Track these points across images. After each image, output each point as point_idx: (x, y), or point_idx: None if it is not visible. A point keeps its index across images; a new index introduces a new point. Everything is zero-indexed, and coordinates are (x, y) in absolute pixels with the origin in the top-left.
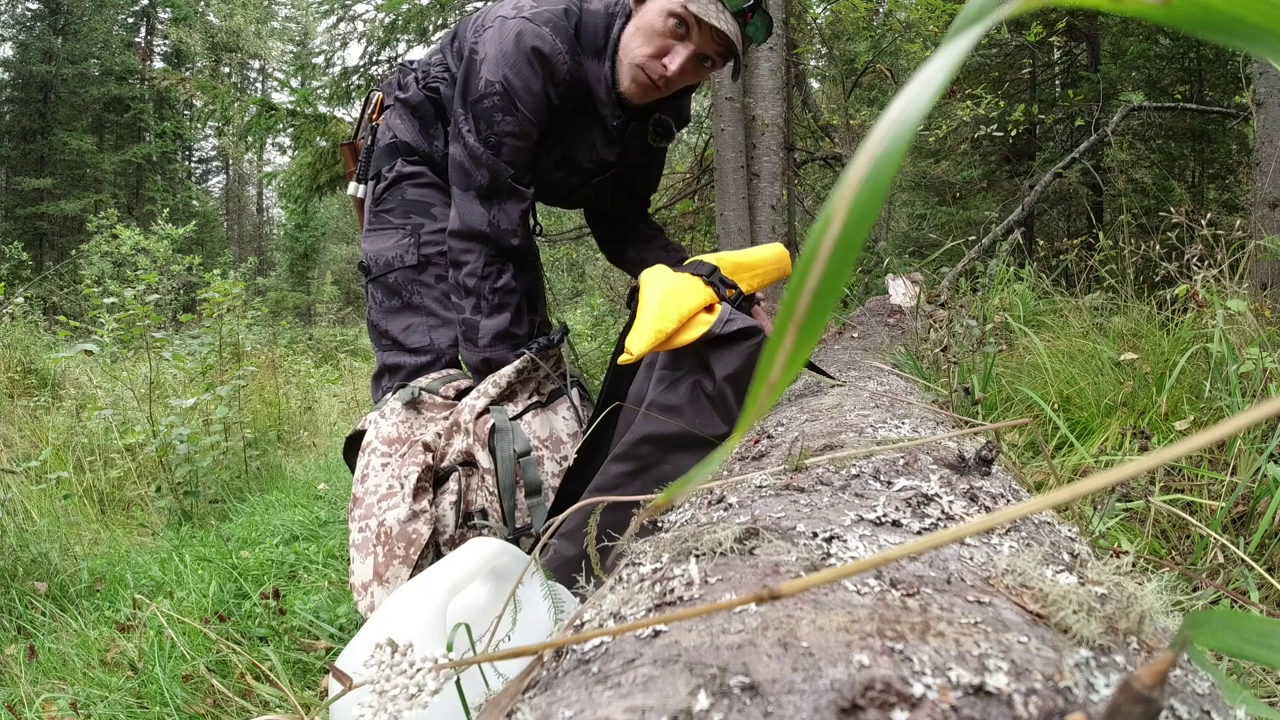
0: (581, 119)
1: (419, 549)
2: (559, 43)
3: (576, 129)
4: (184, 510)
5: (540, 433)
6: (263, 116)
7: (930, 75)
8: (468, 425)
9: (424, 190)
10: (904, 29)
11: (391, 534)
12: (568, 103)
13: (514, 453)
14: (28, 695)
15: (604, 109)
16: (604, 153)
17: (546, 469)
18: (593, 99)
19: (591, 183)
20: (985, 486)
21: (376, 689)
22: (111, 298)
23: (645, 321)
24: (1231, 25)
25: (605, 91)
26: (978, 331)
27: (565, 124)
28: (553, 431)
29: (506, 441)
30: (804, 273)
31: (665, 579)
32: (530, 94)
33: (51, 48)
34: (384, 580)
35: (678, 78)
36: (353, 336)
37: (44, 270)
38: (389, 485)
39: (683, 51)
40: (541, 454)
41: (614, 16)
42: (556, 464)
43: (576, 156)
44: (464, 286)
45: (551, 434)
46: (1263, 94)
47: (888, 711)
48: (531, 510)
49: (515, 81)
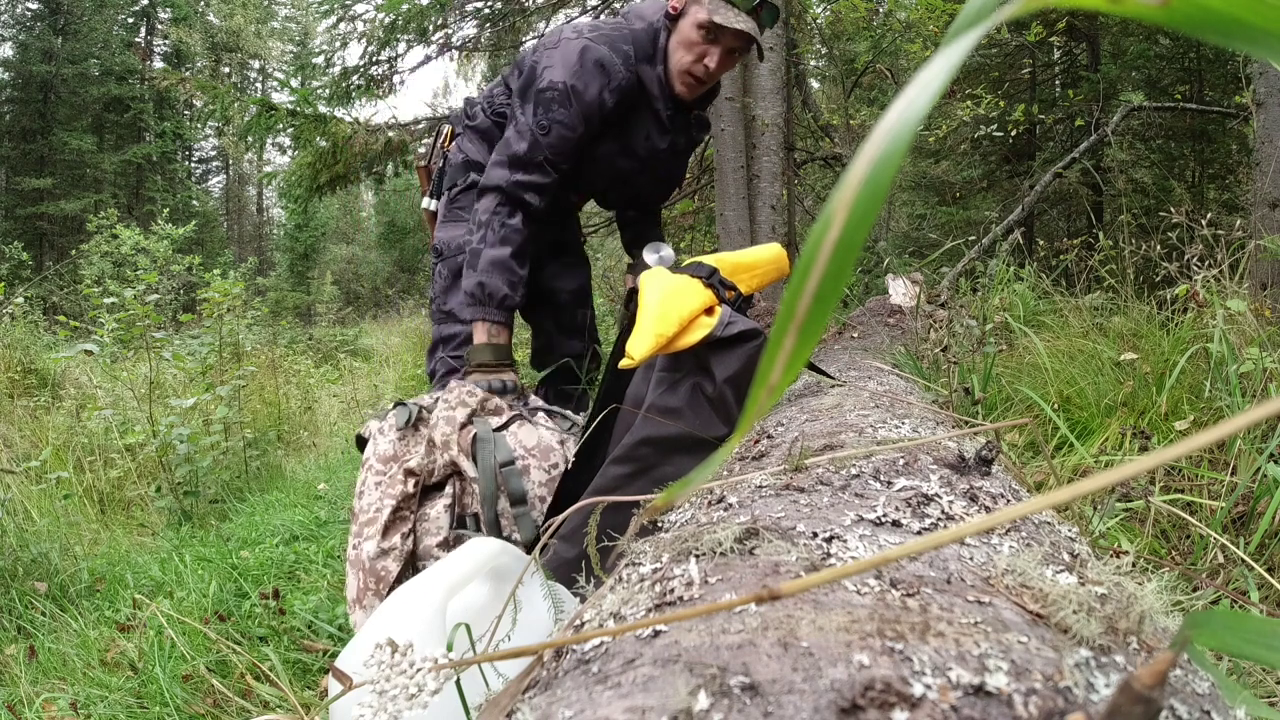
0: (638, 114)
1: (388, 585)
2: (615, 57)
3: (634, 122)
4: (184, 510)
5: (527, 442)
6: (263, 116)
7: (930, 77)
8: (449, 438)
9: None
10: (904, 29)
11: (365, 565)
12: (624, 104)
13: (495, 462)
14: (28, 695)
15: (657, 103)
16: (658, 141)
17: (533, 478)
18: (647, 96)
19: (647, 170)
20: (985, 486)
21: (376, 689)
22: (111, 298)
23: (645, 325)
24: (1231, 26)
25: (659, 89)
26: (978, 331)
27: (625, 119)
28: (540, 440)
29: (488, 451)
30: (804, 274)
31: (665, 579)
32: (588, 96)
33: (51, 48)
34: (362, 605)
35: (718, 71)
36: (353, 336)
37: (44, 270)
38: (375, 509)
39: (715, 51)
40: (528, 463)
41: (658, 30)
42: (545, 472)
43: (634, 144)
44: (478, 222)
45: (539, 443)
46: (1263, 94)
47: (888, 711)
48: (517, 520)
49: (577, 84)
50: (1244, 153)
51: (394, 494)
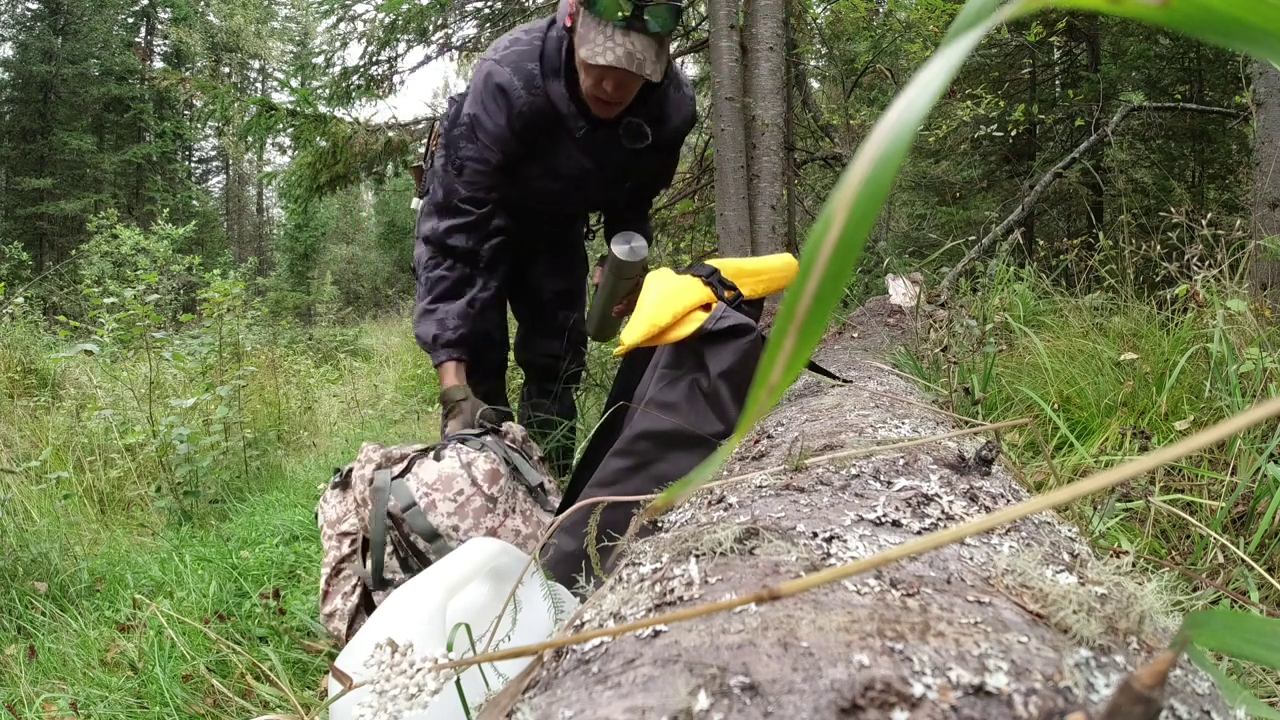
0: (554, 135)
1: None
2: (516, 80)
3: (552, 142)
4: (184, 510)
5: (427, 478)
6: (263, 116)
7: (929, 77)
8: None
9: None
10: (904, 29)
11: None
12: (536, 126)
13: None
14: (28, 695)
15: (570, 122)
16: (583, 160)
17: (440, 509)
18: (559, 115)
19: (584, 189)
20: (985, 486)
21: (376, 689)
22: (111, 298)
23: (641, 315)
24: (1231, 26)
25: (566, 107)
26: (978, 331)
27: (539, 141)
28: (440, 473)
29: (380, 501)
30: (804, 275)
31: (665, 579)
32: (493, 126)
33: (51, 48)
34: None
35: (624, 95)
36: (352, 336)
37: (44, 270)
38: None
39: (611, 76)
40: (432, 498)
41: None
42: (452, 501)
43: (558, 166)
44: (418, 277)
45: (439, 475)
46: (1263, 94)
47: (888, 711)
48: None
49: (480, 115)
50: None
51: (330, 560)
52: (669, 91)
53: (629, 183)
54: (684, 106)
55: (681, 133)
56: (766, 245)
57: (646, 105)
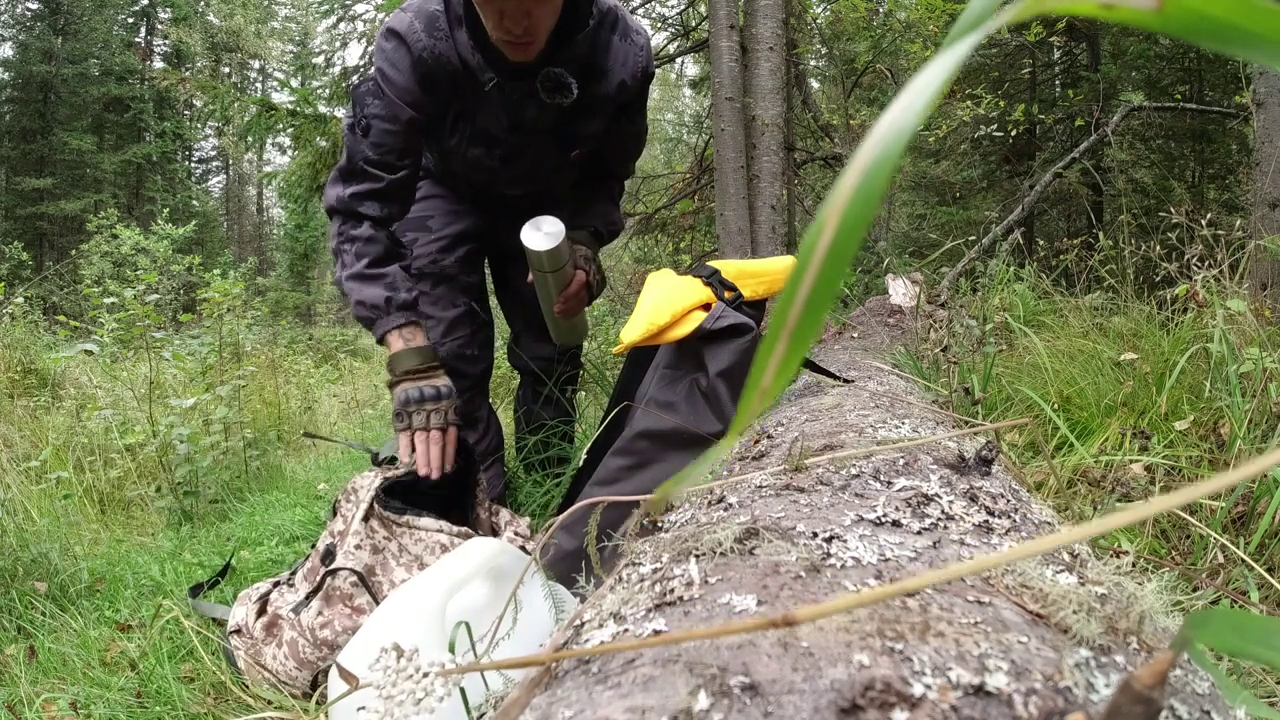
0: (466, 92)
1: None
2: (417, 23)
3: (466, 102)
4: (184, 510)
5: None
6: (263, 116)
7: (926, 82)
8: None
9: (421, 204)
10: (904, 29)
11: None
12: (441, 75)
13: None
14: (28, 695)
15: (479, 74)
16: (502, 118)
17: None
18: (468, 67)
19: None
20: (985, 486)
21: (382, 694)
22: (111, 298)
23: (640, 314)
24: (1225, 31)
25: (471, 56)
26: (978, 331)
27: (461, 99)
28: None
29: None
30: (797, 281)
31: (665, 579)
32: (396, 75)
33: (51, 48)
34: None
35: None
36: (352, 336)
37: (44, 270)
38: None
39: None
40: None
41: None
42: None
43: (489, 127)
44: (332, 252)
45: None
46: (1263, 94)
47: (888, 711)
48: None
49: (384, 67)
50: (1244, 153)
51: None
52: (609, 39)
53: (575, 151)
54: (630, 58)
55: (630, 89)
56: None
57: (574, 53)
